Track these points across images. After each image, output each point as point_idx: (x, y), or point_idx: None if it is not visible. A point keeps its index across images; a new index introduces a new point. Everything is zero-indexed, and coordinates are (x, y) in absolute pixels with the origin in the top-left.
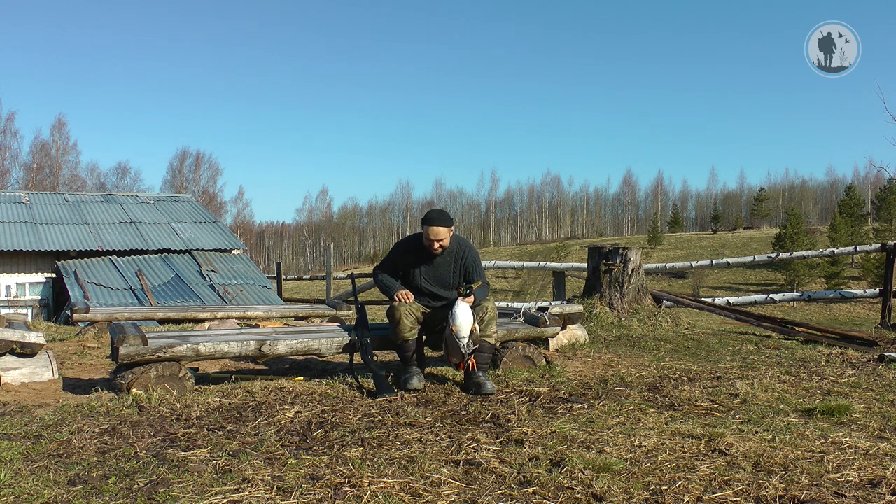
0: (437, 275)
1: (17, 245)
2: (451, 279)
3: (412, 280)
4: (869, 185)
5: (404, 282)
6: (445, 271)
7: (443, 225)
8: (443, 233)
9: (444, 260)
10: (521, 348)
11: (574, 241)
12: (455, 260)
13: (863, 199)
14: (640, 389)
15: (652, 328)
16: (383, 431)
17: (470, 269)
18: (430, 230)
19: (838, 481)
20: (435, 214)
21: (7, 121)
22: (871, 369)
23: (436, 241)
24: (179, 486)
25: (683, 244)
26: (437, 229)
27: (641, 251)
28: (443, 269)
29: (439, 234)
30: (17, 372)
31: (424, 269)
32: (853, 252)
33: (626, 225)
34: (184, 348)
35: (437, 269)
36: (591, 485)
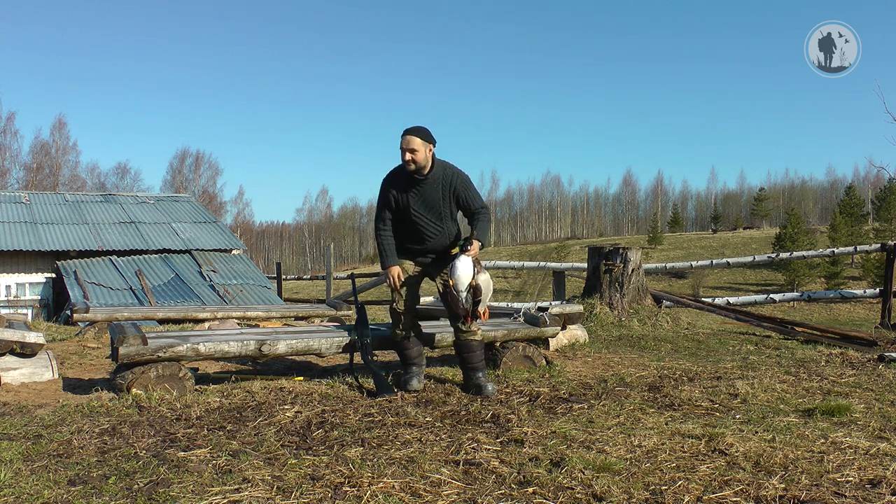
0: (427, 202)
1: (17, 245)
2: (441, 206)
3: (403, 212)
4: (869, 185)
5: (397, 217)
6: (434, 197)
7: (416, 135)
8: (415, 143)
9: (430, 186)
10: (521, 348)
11: (574, 241)
12: (443, 185)
13: (863, 199)
14: (640, 389)
15: (652, 328)
16: (383, 431)
17: (461, 194)
18: (402, 140)
19: (838, 481)
20: (410, 126)
21: (7, 121)
22: (871, 369)
23: (406, 150)
24: (179, 486)
25: (683, 244)
26: (407, 138)
27: (641, 251)
28: (431, 195)
29: (410, 144)
30: (17, 372)
31: (413, 197)
32: (853, 252)
33: (626, 225)
34: (184, 348)
35: (426, 196)
36: (591, 485)
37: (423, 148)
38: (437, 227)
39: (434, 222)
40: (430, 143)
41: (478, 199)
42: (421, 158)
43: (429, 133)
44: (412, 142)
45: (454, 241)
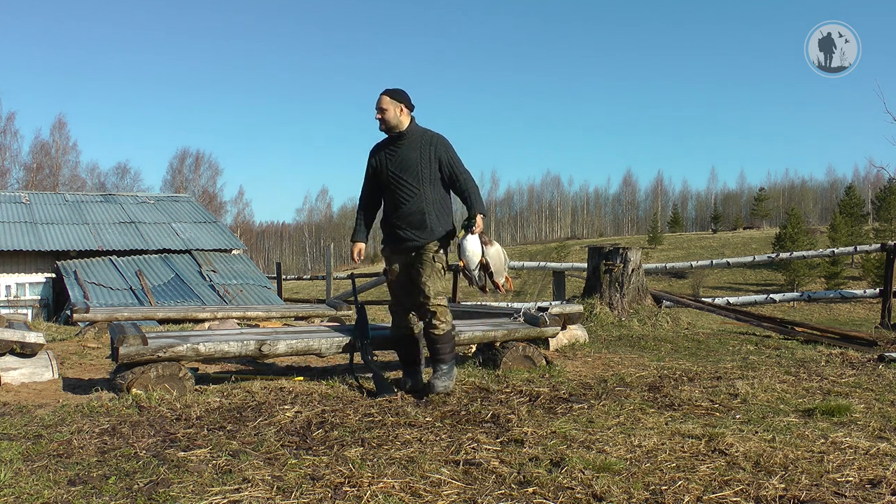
0: (403, 162)
1: (17, 245)
2: (419, 167)
3: (383, 175)
4: (869, 185)
5: (375, 182)
6: (411, 157)
7: (386, 94)
8: (384, 101)
9: (408, 146)
10: (521, 348)
11: (574, 241)
12: (421, 147)
13: (863, 199)
14: (640, 389)
15: (652, 328)
16: (383, 431)
17: (443, 156)
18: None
19: (838, 481)
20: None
21: (7, 121)
22: (871, 369)
23: (376, 109)
24: (179, 486)
25: (683, 244)
26: (378, 98)
27: (641, 251)
28: (408, 154)
29: (379, 103)
30: (17, 372)
31: (390, 157)
32: (853, 252)
33: (626, 225)
34: (184, 348)
35: (402, 156)
36: (591, 485)
37: (392, 107)
38: (413, 189)
39: (410, 184)
40: (400, 104)
41: (461, 164)
42: (391, 117)
43: (401, 93)
44: (381, 101)
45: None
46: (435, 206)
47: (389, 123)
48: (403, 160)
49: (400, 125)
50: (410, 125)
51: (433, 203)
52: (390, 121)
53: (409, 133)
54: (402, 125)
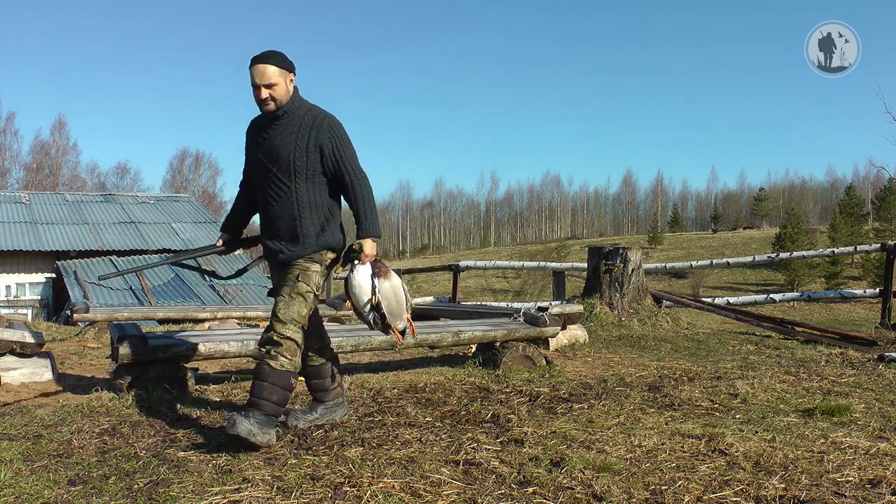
0: (273, 148)
1: (17, 245)
2: (292, 155)
3: (251, 161)
4: (869, 185)
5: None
6: (285, 144)
7: (270, 62)
8: (270, 73)
9: (283, 127)
10: (521, 348)
11: (574, 241)
12: (300, 130)
13: (863, 199)
14: (640, 389)
15: (652, 328)
16: (383, 431)
17: (328, 145)
18: (252, 74)
19: (838, 481)
20: (258, 54)
21: (7, 121)
22: (871, 369)
23: (262, 86)
24: (179, 486)
25: (683, 244)
26: (259, 69)
27: (641, 251)
28: (281, 139)
29: (265, 76)
30: (17, 372)
31: (260, 142)
32: (853, 252)
33: (626, 225)
34: (183, 348)
35: (275, 140)
36: (591, 485)
37: (283, 79)
38: (283, 186)
39: (280, 179)
40: (290, 73)
41: (353, 160)
42: (282, 93)
43: (285, 57)
44: (267, 72)
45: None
46: (313, 210)
47: (281, 102)
48: (275, 147)
49: (287, 101)
50: (293, 99)
51: (310, 207)
52: (281, 98)
53: (289, 111)
54: (287, 101)
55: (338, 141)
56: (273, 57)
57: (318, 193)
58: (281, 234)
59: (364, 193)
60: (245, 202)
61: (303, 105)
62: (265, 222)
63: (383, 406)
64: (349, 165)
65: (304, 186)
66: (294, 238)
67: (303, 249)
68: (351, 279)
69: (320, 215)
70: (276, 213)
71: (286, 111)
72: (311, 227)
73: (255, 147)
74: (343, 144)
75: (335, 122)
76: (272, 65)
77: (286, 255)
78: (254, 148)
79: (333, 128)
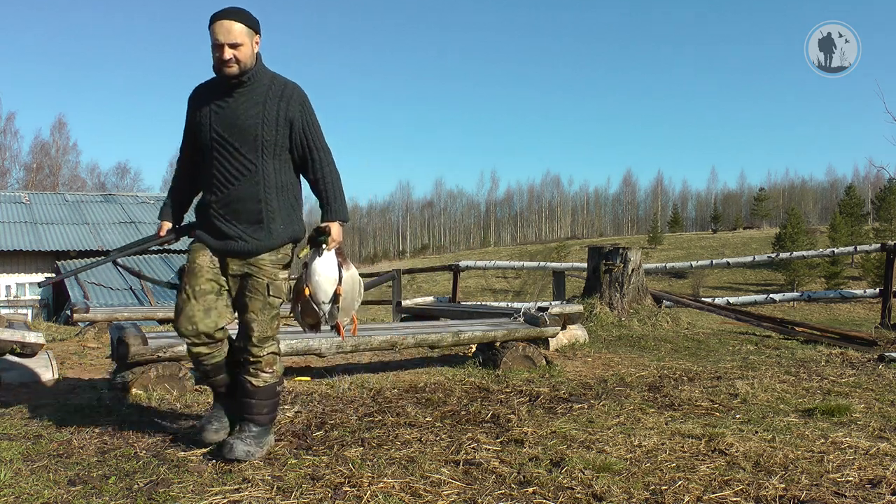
0: (235, 119)
1: (17, 245)
2: (260, 128)
3: (202, 134)
4: (869, 185)
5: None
6: (250, 115)
7: (236, 19)
8: (236, 32)
9: (247, 95)
10: (521, 348)
11: (574, 241)
12: (267, 100)
13: (863, 199)
14: (640, 389)
15: (652, 328)
16: (383, 431)
17: (299, 120)
18: (214, 31)
19: (838, 481)
20: (221, 10)
21: (7, 121)
22: (871, 369)
23: (226, 45)
24: (179, 486)
25: (683, 244)
26: (223, 25)
27: (641, 251)
28: (246, 109)
29: (231, 34)
30: (17, 372)
31: (217, 111)
32: (853, 252)
33: (626, 225)
34: (184, 348)
35: (237, 110)
36: (591, 485)
37: (249, 39)
38: (248, 162)
39: (244, 154)
40: (256, 33)
41: (322, 136)
42: (247, 56)
43: (252, 16)
44: (233, 30)
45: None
46: (280, 193)
47: (245, 66)
48: (237, 117)
49: (251, 66)
50: (258, 64)
51: (276, 188)
52: (245, 61)
53: (255, 77)
54: (253, 66)
55: (308, 114)
56: (239, 14)
57: (285, 173)
58: (239, 218)
59: (333, 173)
60: (187, 182)
61: (267, 72)
62: (217, 204)
63: (383, 406)
64: (318, 141)
65: (270, 164)
66: (258, 223)
67: (269, 240)
68: (314, 266)
69: (288, 199)
70: (235, 194)
71: (251, 77)
72: (277, 212)
73: (209, 116)
74: (312, 118)
75: (304, 94)
76: (238, 22)
77: (250, 245)
78: (206, 117)
79: (303, 99)
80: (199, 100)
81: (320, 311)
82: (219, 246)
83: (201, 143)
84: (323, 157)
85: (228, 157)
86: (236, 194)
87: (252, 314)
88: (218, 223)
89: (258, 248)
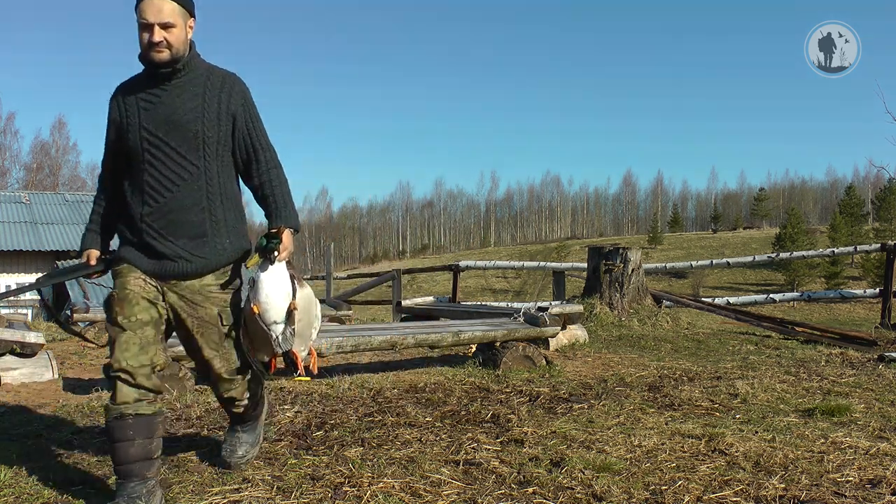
0: (171, 114)
1: (17, 245)
2: (200, 124)
3: (128, 136)
4: (869, 185)
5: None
6: (188, 107)
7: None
8: (168, 10)
9: (182, 88)
10: (521, 348)
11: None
12: (207, 92)
13: (863, 199)
14: (640, 389)
15: (652, 328)
16: (383, 431)
17: (242, 115)
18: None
19: (838, 481)
20: None
21: (7, 121)
22: (871, 369)
23: (156, 24)
24: (179, 486)
25: (683, 244)
26: (153, 2)
27: (641, 251)
28: (182, 103)
29: (161, 13)
30: (17, 372)
31: (146, 107)
32: (853, 252)
33: (626, 225)
34: (183, 348)
35: (172, 105)
36: (591, 485)
37: (183, 21)
38: (188, 164)
39: (183, 155)
40: (190, 16)
41: (266, 134)
42: (181, 40)
43: None
44: (164, 9)
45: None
46: (225, 201)
47: (178, 52)
48: (173, 112)
49: (185, 53)
50: (192, 52)
51: (221, 195)
52: (177, 46)
53: (190, 66)
54: (186, 53)
55: (251, 109)
56: None
57: (229, 178)
58: (177, 232)
59: (281, 175)
60: (113, 201)
61: (202, 62)
62: (151, 217)
63: (383, 406)
64: (263, 140)
65: (214, 166)
66: (200, 237)
67: (215, 257)
68: (263, 279)
69: (233, 208)
70: (173, 203)
71: (186, 66)
72: (223, 224)
73: (137, 115)
74: (256, 114)
75: (245, 86)
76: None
77: (192, 265)
78: (134, 116)
79: (245, 92)
80: (124, 98)
81: (272, 335)
82: (153, 268)
83: (129, 148)
84: (269, 157)
85: (164, 158)
86: (174, 203)
87: (210, 353)
88: (151, 240)
89: (202, 269)
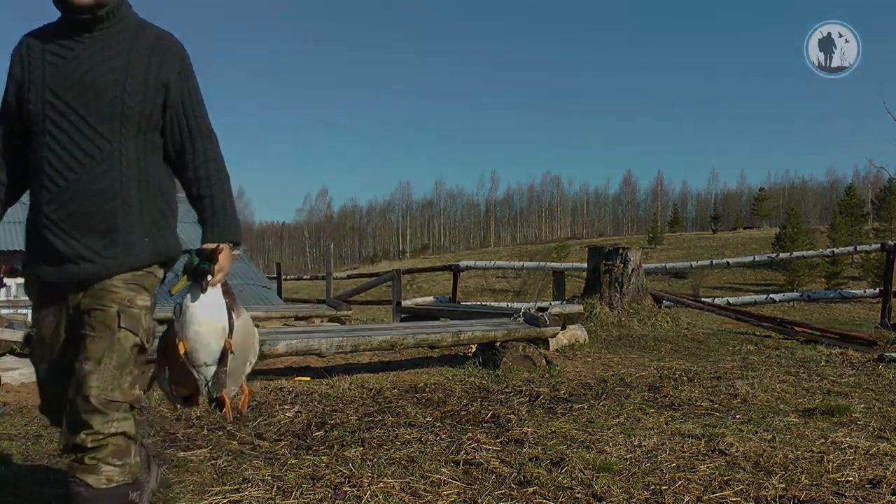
0: (83, 70)
1: (17, 245)
2: (121, 89)
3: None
4: (869, 185)
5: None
6: (107, 66)
7: None
8: None
9: (103, 42)
10: (521, 348)
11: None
12: (133, 51)
13: (863, 199)
14: (640, 389)
15: (652, 328)
16: (383, 431)
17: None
18: None
19: (838, 481)
20: None
21: None
22: (871, 369)
23: None
24: (179, 487)
25: (683, 244)
26: None
27: (641, 251)
28: (99, 59)
29: None
30: (17, 372)
31: (53, 58)
32: (853, 252)
33: (626, 225)
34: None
35: (85, 59)
36: (591, 485)
37: None
38: (95, 138)
39: (90, 125)
40: None
41: (206, 115)
42: None
43: None
44: None
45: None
46: (142, 188)
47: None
48: (87, 72)
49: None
50: (122, 2)
51: (139, 180)
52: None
53: (117, 15)
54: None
55: (189, 81)
56: None
57: (152, 161)
58: (81, 226)
59: (220, 172)
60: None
61: (134, 15)
62: (50, 206)
63: (383, 406)
64: (202, 122)
65: (132, 145)
66: (109, 233)
67: (126, 256)
68: (193, 310)
69: (155, 198)
70: (76, 187)
71: (111, 14)
72: (138, 216)
73: (41, 72)
74: (195, 87)
75: (185, 52)
76: None
77: (96, 267)
78: (37, 74)
79: (185, 59)
80: (29, 52)
81: (200, 378)
82: (54, 277)
83: (29, 114)
84: (207, 147)
85: (69, 130)
86: (78, 187)
87: (89, 360)
88: (52, 237)
89: (109, 270)
